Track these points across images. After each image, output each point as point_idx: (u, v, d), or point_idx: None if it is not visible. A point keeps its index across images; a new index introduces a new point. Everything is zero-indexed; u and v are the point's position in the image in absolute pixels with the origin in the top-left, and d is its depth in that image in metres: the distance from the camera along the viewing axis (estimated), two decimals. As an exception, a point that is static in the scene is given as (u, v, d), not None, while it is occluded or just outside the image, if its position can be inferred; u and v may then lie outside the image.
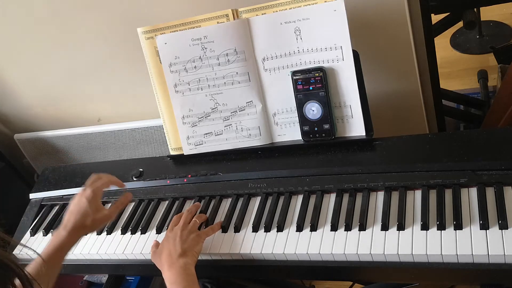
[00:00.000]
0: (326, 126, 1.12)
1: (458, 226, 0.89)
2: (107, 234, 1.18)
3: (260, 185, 1.11)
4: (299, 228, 1.01)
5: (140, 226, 1.15)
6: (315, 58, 1.10)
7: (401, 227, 0.93)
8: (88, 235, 1.20)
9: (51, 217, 1.29)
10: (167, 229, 1.11)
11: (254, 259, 1.02)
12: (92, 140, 1.55)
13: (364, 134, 1.11)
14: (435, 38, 1.31)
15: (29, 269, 0.94)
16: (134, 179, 1.26)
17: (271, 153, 1.18)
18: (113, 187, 1.26)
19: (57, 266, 0.99)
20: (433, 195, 0.96)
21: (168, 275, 0.95)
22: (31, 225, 1.29)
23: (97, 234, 1.18)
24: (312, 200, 1.05)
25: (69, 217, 1.04)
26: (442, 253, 0.86)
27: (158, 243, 1.06)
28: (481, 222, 0.88)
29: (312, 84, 1.10)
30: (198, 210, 1.13)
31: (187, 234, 1.02)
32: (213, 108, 1.19)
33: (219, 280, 1.36)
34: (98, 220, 1.04)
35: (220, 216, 1.10)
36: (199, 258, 1.05)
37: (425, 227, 0.91)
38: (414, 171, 1.00)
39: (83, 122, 1.59)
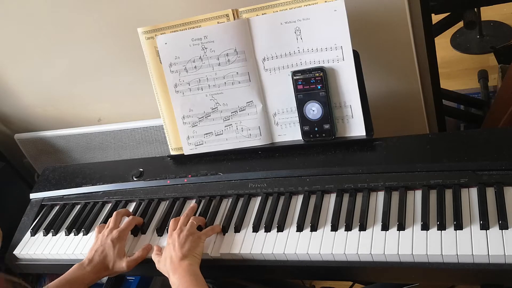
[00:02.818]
0: (326, 126, 1.12)
1: (459, 226, 0.89)
2: (107, 234, 1.18)
3: (261, 185, 1.12)
4: (300, 228, 1.01)
5: (141, 226, 1.15)
6: (315, 58, 1.10)
7: (401, 227, 0.93)
8: (89, 234, 1.20)
9: (51, 217, 1.29)
10: (167, 229, 1.12)
11: (255, 259, 1.02)
12: (92, 140, 1.55)
13: (364, 134, 1.11)
14: (435, 38, 1.31)
15: None
16: (134, 179, 1.26)
17: (272, 153, 1.17)
18: (115, 187, 1.27)
19: None
20: (433, 195, 0.96)
21: (174, 280, 0.96)
22: (32, 225, 1.29)
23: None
24: (313, 200, 1.05)
25: (95, 255, 1.07)
26: (442, 253, 0.86)
27: (159, 249, 1.07)
28: (481, 222, 0.88)
29: (313, 84, 1.10)
30: (197, 212, 1.12)
31: (185, 237, 1.02)
32: (214, 108, 1.19)
33: (220, 280, 1.36)
34: (116, 268, 1.07)
35: (221, 216, 1.11)
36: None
37: (425, 227, 0.91)
38: (415, 171, 1.00)
39: (83, 122, 1.59)
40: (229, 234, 1.06)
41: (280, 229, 1.02)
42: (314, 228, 1.00)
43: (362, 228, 0.96)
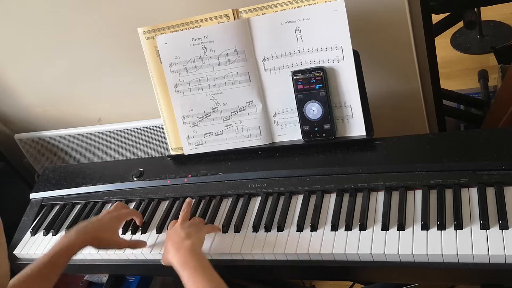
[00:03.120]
0: (327, 126, 1.12)
1: (459, 226, 0.89)
2: (107, 234, 1.18)
3: (261, 185, 1.12)
4: (300, 228, 1.01)
5: (140, 226, 1.15)
6: (316, 58, 1.10)
7: (401, 227, 0.93)
8: (89, 235, 1.20)
9: (51, 217, 1.29)
10: (167, 229, 1.12)
11: (255, 259, 1.02)
12: (92, 140, 1.55)
13: (364, 134, 1.11)
14: (435, 38, 1.31)
15: (31, 267, 0.95)
16: (135, 179, 1.26)
17: (272, 153, 1.17)
18: (116, 187, 1.27)
19: (61, 265, 0.99)
20: (433, 195, 0.96)
21: (177, 258, 0.93)
22: (32, 225, 1.29)
23: (97, 234, 1.19)
24: (313, 200, 1.05)
25: (86, 223, 1.06)
26: (443, 253, 0.86)
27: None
28: (481, 222, 0.88)
29: (313, 84, 1.10)
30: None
31: (188, 224, 1.03)
32: (214, 108, 1.19)
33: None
34: (109, 240, 1.06)
35: (221, 216, 1.11)
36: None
37: (425, 227, 0.91)
38: (415, 171, 1.00)
39: (84, 122, 1.59)
40: (229, 234, 1.06)
41: (280, 229, 1.02)
42: (314, 228, 1.00)
43: (362, 228, 0.96)
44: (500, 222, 0.87)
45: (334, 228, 0.98)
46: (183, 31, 1.15)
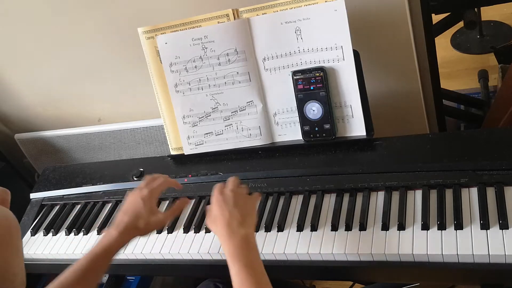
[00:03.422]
0: (327, 126, 1.12)
1: (459, 226, 0.89)
2: (107, 234, 1.17)
3: (261, 185, 1.11)
4: (300, 228, 1.01)
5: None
6: (316, 58, 1.10)
7: (401, 227, 0.93)
8: (89, 234, 1.20)
9: (51, 217, 1.29)
10: (167, 229, 1.12)
11: (255, 259, 1.01)
12: (92, 140, 1.55)
13: (364, 134, 1.11)
14: (435, 38, 1.31)
15: (74, 268, 0.88)
16: (135, 179, 1.26)
17: (272, 153, 1.17)
18: (116, 187, 1.27)
19: (104, 267, 0.92)
20: (433, 195, 0.96)
21: (229, 247, 0.86)
22: (32, 225, 1.29)
23: (97, 234, 1.19)
24: (313, 200, 1.05)
25: (122, 217, 0.96)
26: (443, 253, 0.86)
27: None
28: (481, 222, 0.88)
29: (313, 84, 1.10)
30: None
31: (243, 198, 0.93)
32: (214, 108, 1.19)
33: (226, 280, 1.36)
34: (152, 223, 0.97)
35: (221, 216, 1.10)
36: (200, 258, 1.05)
37: (425, 227, 0.91)
38: (415, 171, 1.00)
39: (84, 122, 1.59)
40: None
41: (280, 228, 1.02)
42: (314, 228, 1.00)
43: (362, 228, 0.96)
44: (500, 222, 0.87)
45: (334, 228, 0.98)
46: (183, 31, 1.15)
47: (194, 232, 1.09)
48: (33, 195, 1.38)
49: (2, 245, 0.58)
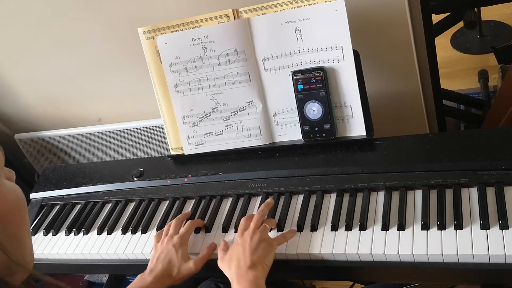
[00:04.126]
0: (327, 126, 1.12)
1: (459, 226, 0.89)
2: (107, 234, 1.18)
3: (261, 185, 1.12)
4: (300, 228, 1.01)
5: (141, 226, 1.15)
6: (316, 58, 1.10)
7: (401, 227, 0.93)
8: (89, 234, 1.20)
9: (51, 217, 1.29)
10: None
11: (255, 259, 1.01)
12: (92, 140, 1.55)
13: (364, 134, 1.11)
14: (435, 38, 1.31)
15: None
16: (135, 179, 1.26)
17: (272, 153, 1.17)
18: (116, 187, 1.27)
19: None
20: (433, 195, 0.96)
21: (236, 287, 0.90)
22: (32, 225, 1.29)
23: (97, 234, 1.19)
24: (313, 200, 1.05)
25: (157, 264, 1.00)
26: (443, 253, 0.86)
27: (226, 245, 1.01)
28: (481, 222, 0.88)
29: (313, 84, 1.10)
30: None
31: (258, 242, 0.94)
32: (214, 108, 1.19)
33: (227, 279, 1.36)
34: (183, 272, 1.00)
35: (221, 216, 1.11)
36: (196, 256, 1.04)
37: (425, 227, 0.91)
38: (415, 171, 1.00)
39: (84, 122, 1.59)
40: (229, 234, 1.06)
41: (280, 229, 1.02)
42: (314, 228, 1.00)
43: (362, 228, 0.96)
44: (500, 222, 0.87)
45: (334, 228, 0.98)
46: (183, 31, 1.15)
47: (194, 232, 1.09)
48: (33, 195, 1.38)
49: (15, 214, 0.61)
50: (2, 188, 0.61)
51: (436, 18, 1.91)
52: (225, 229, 1.07)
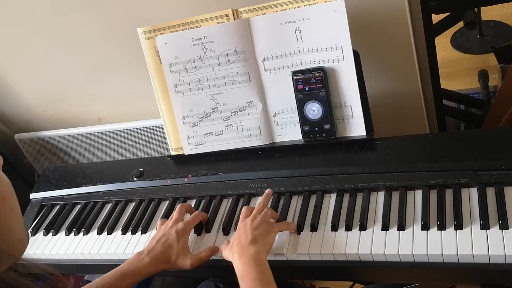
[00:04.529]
0: (327, 126, 1.12)
1: (459, 226, 0.89)
2: (107, 234, 1.18)
3: (261, 185, 1.11)
4: (300, 228, 1.01)
5: (141, 226, 1.15)
6: (316, 58, 1.10)
7: (401, 227, 0.93)
8: (89, 234, 1.20)
9: (51, 217, 1.29)
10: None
11: (255, 259, 1.01)
12: (92, 140, 1.55)
13: (364, 134, 1.11)
14: (435, 38, 1.31)
15: (97, 282, 0.91)
16: (135, 179, 1.26)
17: (272, 153, 1.17)
18: (116, 187, 1.27)
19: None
20: (433, 195, 0.96)
21: (238, 266, 0.89)
22: (32, 225, 1.29)
23: (97, 234, 1.19)
24: (313, 200, 1.05)
25: (157, 245, 0.99)
26: (443, 253, 0.86)
27: (228, 242, 0.99)
28: (481, 222, 0.88)
29: (313, 84, 1.10)
30: (270, 200, 1.09)
31: (259, 222, 0.95)
32: (214, 108, 1.19)
33: (228, 279, 1.36)
34: (178, 263, 0.99)
35: (221, 216, 1.11)
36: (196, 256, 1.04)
37: (425, 227, 0.91)
38: (415, 171, 1.00)
39: (84, 122, 1.59)
40: (229, 235, 1.06)
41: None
42: (314, 228, 0.99)
43: (363, 228, 0.96)
44: (500, 222, 0.87)
45: (334, 228, 0.98)
46: (183, 31, 1.15)
47: (194, 232, 1.09)
48: (33, 195, 1.38)
49: None
50: None
51: (436, 18, 1.91)
52: (225, 230, 1.07)
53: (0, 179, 0.62)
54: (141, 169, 1.27)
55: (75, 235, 1.22)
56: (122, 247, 1.13)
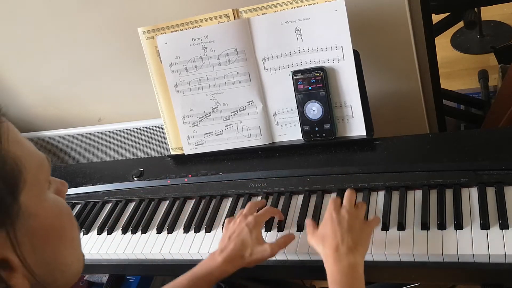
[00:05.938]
0: (327, 126, 1.12)
1: (459, 226, 0.89)
2: (107, 234, 1.18)
3: (261, 185, 1.11)
4: (300, 228, 1.01)
5: (141, 226, 1.15)
6: (316, 58, 1.10)
7: (401, 226, 0.93)
8: (89, 234, 1.20)
9: (51, 217, 1.29)
10: (167, 228, 1.11)
11: (255, 259, 1.01)
12: (92, 140, 1.55)
13: (364, 134, 1.11)
14: (435, 38, 1.31)
15: (171, 286, 0.88)
16: (135, 178, 1.26)
17: (272, 153, 1.17)
18: (116, 187, 1.27)
19: None
20: (433, 195, 0.96)
21: (332, 271, 0.82)
22: (32, 225, 1.29)
23: (97, 234, 1.19)
24: (313, 200, 1.05)
25: (229, 242, 0.94)
26: (443, 253, 0.86)
27: (314, 222, 0.93)
28: (481, 221, 0.88)
29: (313, 84, 1.10)
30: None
31: (360, 223, 0.88)
32: (214, 108, 1.19)
33: (227, 280, 1.36)
34: (257, 253, 0.93)
35: (221, 216, 1.11)
36: (200, 258, 1.04)
37: (425, 226, 0.91)
38: (415, 171, 1.00)
39: (84, 122, 1.59)
40: (229, 234, 1.06)
41: (280, 228, 1.02)
42: (314, 228, 0.99)
43: (363, 228, 0.96)
44: (500, 222, 0.87)
45: (334, 228, 0.98)
46: (183, 31, 1.15)
47: (194, 232, 1.09)
48: (33, 195, 1.37)
49: (54, 235, 0.54)
50: (43, 203, 0.53)
51: (436, 18, 1.91)
52: (225, 229, 1.07)
53: (60, 209, 0.56)
54: (141, 169, 1.27)
55: (75, 235, 1.21)
56: (122, 247, 1.13)
